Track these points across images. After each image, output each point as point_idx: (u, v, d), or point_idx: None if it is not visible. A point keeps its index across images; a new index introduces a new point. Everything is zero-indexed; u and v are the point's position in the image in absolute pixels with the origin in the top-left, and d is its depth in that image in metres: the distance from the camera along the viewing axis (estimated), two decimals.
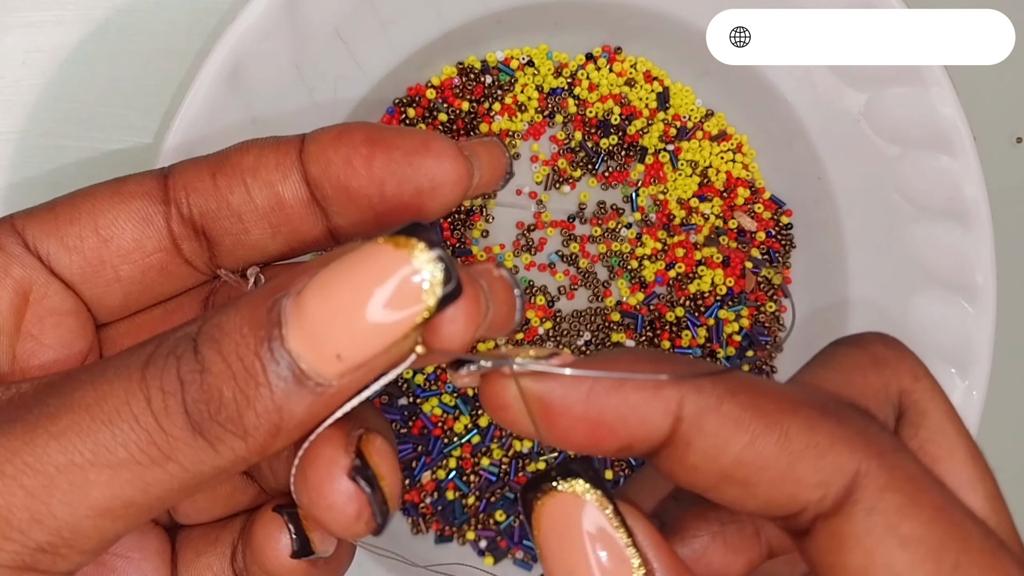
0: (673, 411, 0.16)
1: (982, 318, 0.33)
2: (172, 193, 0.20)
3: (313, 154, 0.19)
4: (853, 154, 0.35)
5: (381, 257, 0.15)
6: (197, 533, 0.22)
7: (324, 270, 0.15)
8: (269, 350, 0.15)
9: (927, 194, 0.34)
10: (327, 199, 0.20)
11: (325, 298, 0.15)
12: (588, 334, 0.38)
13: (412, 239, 0.15)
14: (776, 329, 0.39)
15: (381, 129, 0.19)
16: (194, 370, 0.15)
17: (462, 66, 0.37)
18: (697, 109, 0.39)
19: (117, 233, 0.20)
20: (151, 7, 0.35)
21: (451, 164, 0.19)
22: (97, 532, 0.16)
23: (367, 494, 0.17)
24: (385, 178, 0.19)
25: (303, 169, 0.20)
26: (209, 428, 0.15)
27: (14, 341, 0.20)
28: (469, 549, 0.38)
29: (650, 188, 0.39)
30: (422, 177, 0.19)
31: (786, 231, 0.39)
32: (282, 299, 0.15)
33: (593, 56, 0.38)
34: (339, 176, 0.19)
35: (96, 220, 0.20)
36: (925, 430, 0.18)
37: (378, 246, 0.15)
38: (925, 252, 0.35)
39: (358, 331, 0.15)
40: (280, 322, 0.15)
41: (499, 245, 0.38)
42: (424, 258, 0.15)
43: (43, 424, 0.15)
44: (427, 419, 0.37)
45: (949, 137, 0.33)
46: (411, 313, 0.15)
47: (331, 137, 0.19)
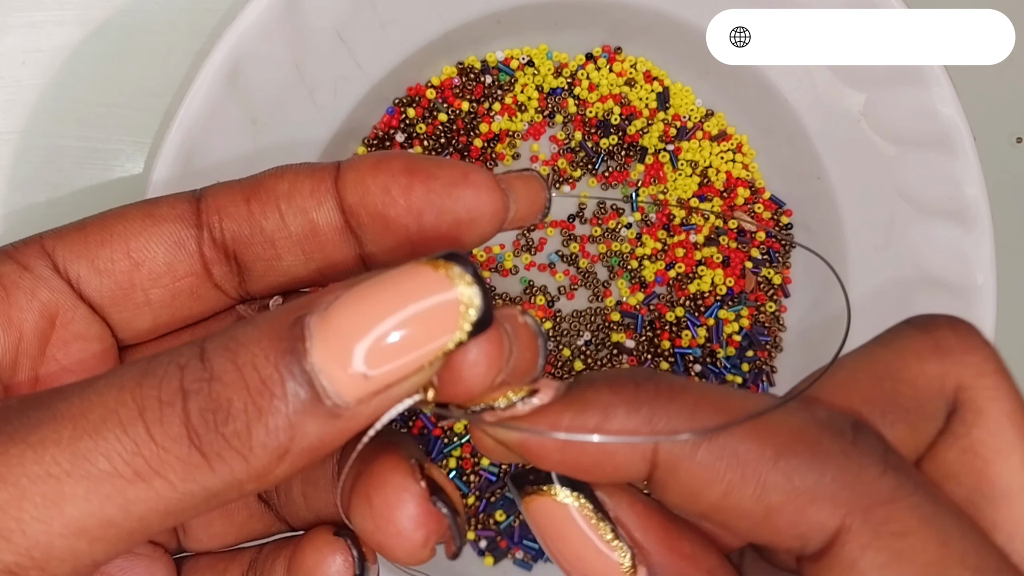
0: (649, 458, 0.16)
1: (982, 318, 0.33)
2: (205, 217, 0.20)
3: (350, 182, 0.19)
4: (853, 154, 0.35)
5: (420, 277, 0.15)
6: (204, 563, 0.21)
7: (359, 286, 0.15)
8: (290, 362, 0.14)
9: (927, 194, 0.34)
10: (362, 227, 0.20)
11: (357, 312, 0.15)
12: (588, 334, 0.38)
13: (452, 264, 0.15)
14: (776, 329, 0.39)
15: (419, 159, 0.19)
16: (201, 379, 0.14)
17: (462, 66, 0.37)
18: (697, 109, 0.39)
19: (149, 257, 0.20)
20: (151, 7, 0.35)
21: (489, 197, 0.19)
22: (71, 555, 0.14)
23: (448, 518, 0.17)
24: (423, 208, 0.19)
25: (338, 196, 0.19)
26: (211, 441, 0.14)
27: (37, 364, 0.19)
28: (469, 549, 0.38)
29: (650, 188, 0.39)
30: (460, 209, 0.19)
31: (786, 231, 0.39)
32: (306, 316, 0.15)
33: (593, 56, 0.38)
34: (376, 205, 0.19)
35: (128, 243, 0.20)
36: (978, 430, 0.17)
37: (418, 266, 0.15)
38: (925, 252, 0.35)
39: (388, 348, 0.15)
40: (304, 336, 0.14)
41: (499, 245, 0.38)
42: (463, 283, 0.15)
43: (21, 435, 0.14)
44: (427, 419, 0.37)
45: (949, 137, 0.33)
46: (444, 335, 0.15)
47: (369, 165, 0.19)
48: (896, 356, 0.18)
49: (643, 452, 0.16)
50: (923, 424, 0.17)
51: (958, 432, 0.17)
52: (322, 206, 0.20)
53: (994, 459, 0.17)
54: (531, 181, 0.20)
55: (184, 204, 0.20)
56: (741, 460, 0.15)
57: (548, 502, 0.17)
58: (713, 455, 0.16)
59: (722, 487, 0.15)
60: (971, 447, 0.17)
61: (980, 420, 0.17)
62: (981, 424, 0.17)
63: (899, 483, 0.15)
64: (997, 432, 0.17)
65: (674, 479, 0.16)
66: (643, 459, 0.16)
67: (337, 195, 0.19)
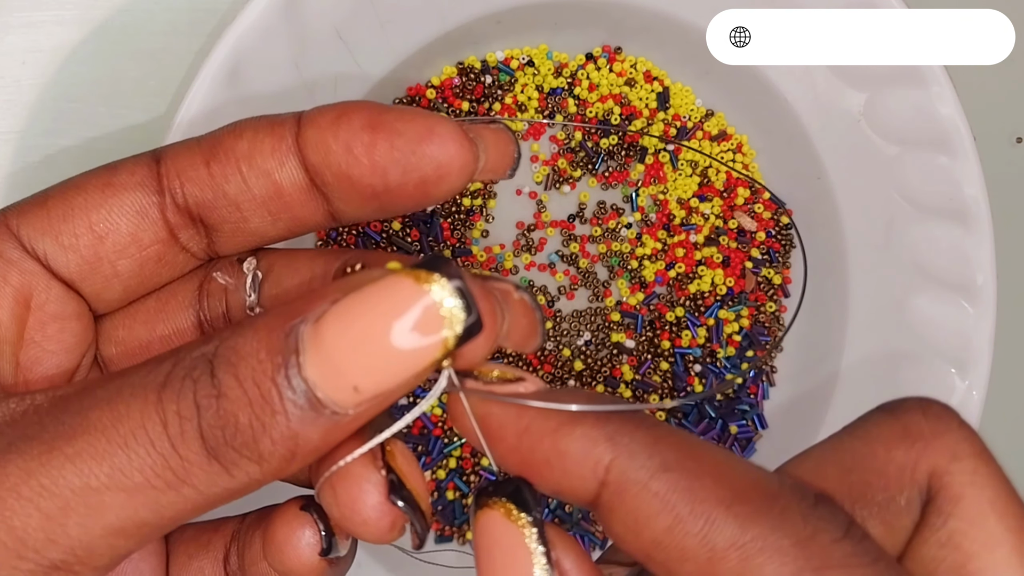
0: (600, 475, 0.15)
1: (982, 318, 0.33)
2: (166, 182, 0.19)
3: (311, 140, 0.19)
4: (853, 154, 0.35)
5: (401, 290, 0.15)
6: (189, 535, 0.22)
7: (344, 301, 0.15)
8: (286, 377, 0.15)
9: (927, 194, 0.34)
10: (327, 186, 0.19)
11: (344, 328, 0.15)
12: (588, 334, 0.38)
13: (433, 274, 0.15)
14: (776, 329, 0.39)
15: (382, 111, 0.18)
16: (210, 395, 0.15)
17: (462, 66, 0.37)
18: (697, 109, 0.39)
19: (112, 229, 0.19)
20: (151, 7, 0.35)
21: (457, 150, 0.18)
22: (110, 550, 0.16)
23: (408, 514, 0.17)
24: (388, 167, 0.18)
25: (301, 154, 0.19)
26: (224, 453, 0.15)
27: (17, 350, 0.19)
28: (469, 549, 0.38)
29: (650, 188, 0.39)
30: (427, 166, 0.18)
31: (786, 231, 0.39)
32: (300, 325, 0.15)
33: (593, 56, 0.38)
34: (340, 165, 0.18)
35: (90, 216, 0.19)
36: (956, 520, 0.15)
37: (398, 279, 0.15)
38: (925, 252, 0.35)
39: (376, 364, 0.15)
40: (298, 349, 0.15)
41: (499, 245, 0.38)
42: (445, 292, 0.15)
43: (59, 445, 0.15)
44: (427, 419, 0.37)
45: (949, 137, 0.33)
46: (431, 347, 0.15)
47: (329, 121, 0.18)
48: (863, 445, 0.16)
49: (595, 466, 0.16)
50: (897, 519, 0.16)
51: (934, 524, 0.16)
52: (284, 166, 0.19)
53: (977, 552, 0.15)
54: (500, 133, 0.20)
55: (144, 169, 0.19)
56: (694, 496, 0.15)
57: (500, 517, 0.16)
58: (667, 485, 0.15)
59: (669, 520, 0.15)
60: (950, 540, 0.15)
61: (958, 509, 0.16)
62: (959, 514, 0.16)
63: (856, 551, 0.15)
64: (978, 522, 0.15)
65: (622, 503, 0.15)
66: (594, 473, 0.16)
67: (299, 153, 0.19)
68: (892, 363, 0.35)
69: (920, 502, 0.16)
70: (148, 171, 0.19)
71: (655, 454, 0.15)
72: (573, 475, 0.16)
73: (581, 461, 0.16)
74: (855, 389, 0.36)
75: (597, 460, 0.16)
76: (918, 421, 0.16)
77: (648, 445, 0.15)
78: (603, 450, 0.16)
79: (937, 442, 0.16)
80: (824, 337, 0.37)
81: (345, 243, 0.37)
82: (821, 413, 0.36)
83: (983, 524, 0.15)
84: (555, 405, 0.16)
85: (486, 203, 0.38)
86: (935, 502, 0.16)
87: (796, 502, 0.15)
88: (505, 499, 0.16)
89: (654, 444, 0.15)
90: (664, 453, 0.15)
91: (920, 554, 0.16)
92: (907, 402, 0.17)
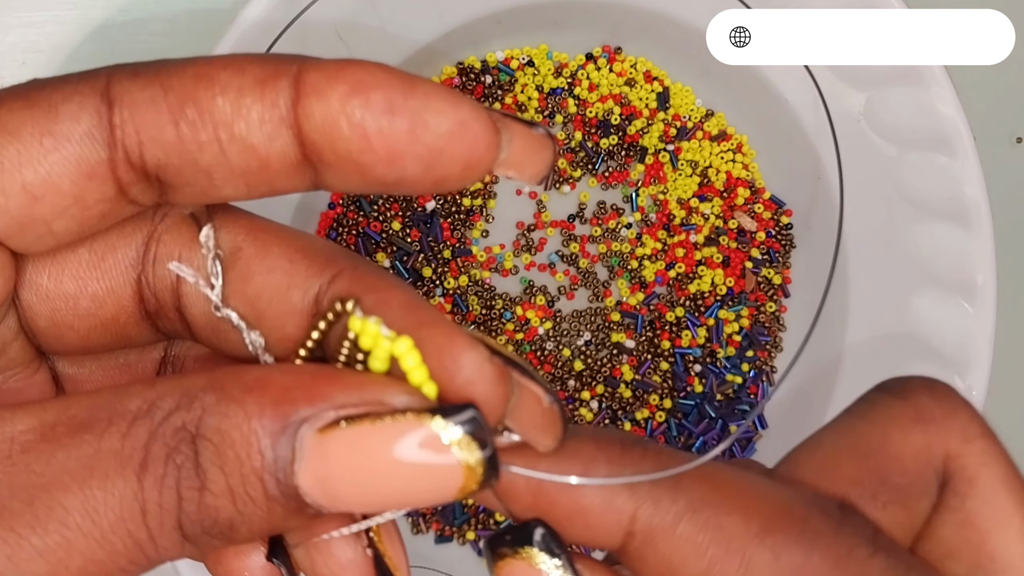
0: (625, 525, 0.15)
1: (982, 318, 0.33)
2: (119, 135, 0.15)
3: (314, 115, 0.15)
4: (853, 154, 0.35)
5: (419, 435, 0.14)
6: None
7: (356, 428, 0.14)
8: (276, 481, 0.14)
9: (927, 194, 0.34)
10: (325, 164, 0.16)
11: (350, 458, 0.14)
12: (588, 334, 0.38)
13: (455, 426, 0.14)
14: (776, 329, 0.39)
15: (405, 89, 0.15)
16: (194, 487, 0.14)
17: (462, 66, 0.37)
18: (697, 109, 0.39)
19: (51, 189, 0.15)
20: (151, 7, 0.35)
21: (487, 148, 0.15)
22: None
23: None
24: (408, 162, 0.15)
25: (297, 126, 0.15)
26: (199, 538, 0.14)
27: None
28: (469, 549, 0.38)
29: (650, 188, 0.39)
30: (454, 166, 0.15)
31: (786, 231, 0.39)
32: (300, 427, 0.14)
33: (593, 56, 0.38)
34: (349, 151, 0.15)
35: (23, 174, 0.15)
36: (973, 501, 0.16)
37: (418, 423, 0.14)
38: (925, 252, 0.35)
39: (375, 496, 0.14)
40: (294, 456, 0.14)
41: (499, 245, 0.38)
42: (467, 452, 0.14)
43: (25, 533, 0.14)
44: None
45: (949, 137, 0.33)
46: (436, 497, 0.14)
47: (341, 96, 0.15)
48: (877, 430, 0.17)
49: (619, 517, 0.15)
50: (916, 501, 0.16)
51: (952, 505, 0.16)
52: (274, 141, 0.15)
53: (992, 530, 0.16)
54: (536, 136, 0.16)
55: (91, 115, 0.15)
56: (726, 534, 0.15)
57: (523, 566, 0.15)
58: (696, 527, 0.15)
59: (704, 562, 0.15)
60: (967, 520, 0.16)
61: (973, 490, 0.16)
62: (975, 494, 0.16)
63: (889, 564, 0.15)
64: (992, 501, 0.16)
65: (652, 551, 0.15)
66: (618, 524, 0.15)
67: (296, 124, 0.15)
68: (892, 363, 0.35)
69: (937, 484, 0.16)
70: (97, 118, 0.15)
71: (678, 496, 0.15)
72: (596, 528, 0.15)
73: (603, 515, 0.15)
74: (855, 389, 0.36)
75: (620, 511, 0.15)
76: (928, 403, 0.16)
77: (670, 488, 0.15)
78: (624, 500, 0.15)
79: (949, 424, 0.16)
80: (824, 337, 0.37)
81: (344, 242, 0.37)
82: (821, 413, 0.36)
83: (996, 503, 0.16)
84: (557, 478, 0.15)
85: (486, 203, 0.38)
86: (951, 483, 0.16)
87: (825, 521, 0.15)
88: (527, 547, 0.15)
89: (675, 484, 0.15)
90: (687, 492, 0.15)
91: (940, 534, 0.16)
92: (911, 382, 0.17)
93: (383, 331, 0.15)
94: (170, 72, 0.15)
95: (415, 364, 0.14)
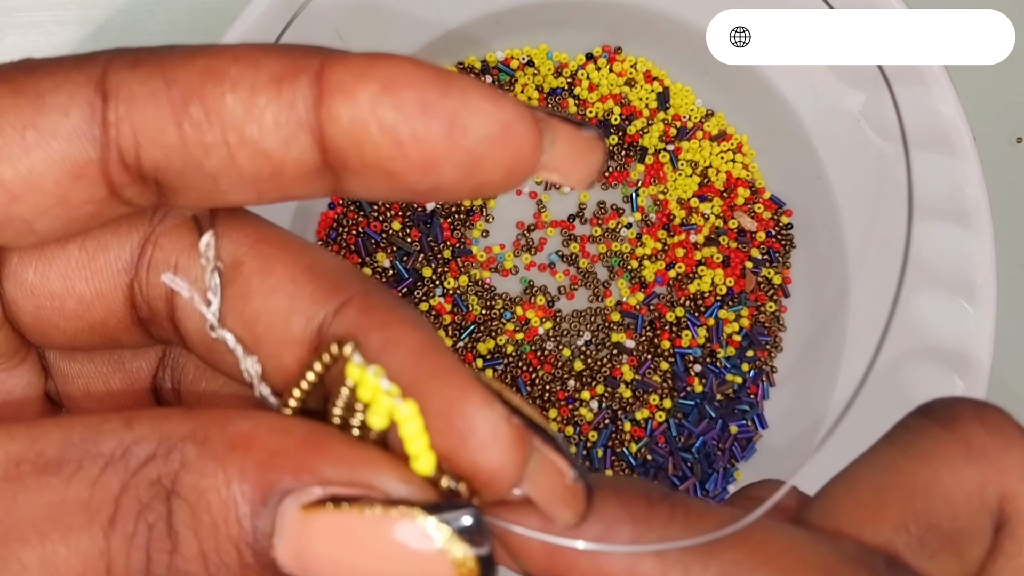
0: None
1: (982, 318, 0.33)
2: (114, 134, 0.14)
3: (341, 118, 0.13)
4: (853, 154, 0.35)
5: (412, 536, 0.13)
6: None
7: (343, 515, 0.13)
8: (252, 551, 0.13)
9: (927, 194, 0.34)
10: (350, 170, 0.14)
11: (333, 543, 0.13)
12: (588, 334, 0.38)
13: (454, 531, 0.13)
14: (776, 329, 0.39)
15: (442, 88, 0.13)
16: (164, 549, 0.13)
17: (462, 66, 0.37)
18: (697, 109, 0.39)
19: (32, 188, 0.14)
20: (151, 7, 0.35)
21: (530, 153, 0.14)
22: None
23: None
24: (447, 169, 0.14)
25: (319, 130, 0.13)
26: None
27: None
28: None
29: (650, 188, 0.39)
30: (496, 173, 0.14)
31: (786, 231, 0.39)
32: (283, 499, 0.13)
33: (593, 56, 0.38)
34: (380, 158, 0.13)
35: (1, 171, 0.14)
36: None
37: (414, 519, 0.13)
38: (925, 252, 0.35)
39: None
40: (274, 530, 0.13)
41: (499, 245, 0.38)
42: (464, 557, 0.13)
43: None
44: None
45: (949, 137, 0.33)
46: None
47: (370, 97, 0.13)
48: (923, 467, 0.15)
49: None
50: (969, 548, 0.15)
51: (1009, 552, 0.15)
52: (291, 146, 0.13)
53: None
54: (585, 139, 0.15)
55: (82, 110, 0.14)
56: None
57: None
58: None
59: None
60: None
61: None
62: None
63: None
64: None
65: None
66: None
67: (318, 128, 0.13)
68: (892, 363, 0.35)
69: (992, 527, 0.15)
70: (89, 113, 0.14)
71: (710, 561, 0.14)
72: None
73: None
74: (854, 388, 0.36)
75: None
76: (979, 434, 0.15)
77: (702, 551, 0.14)
78: (651, 566, 0.14)
79: (1004, 459, 0.15)
80: (824, 337, 0.37)
81: (344, 243, 0.37)
82: (821, 413, 0.36)
83: None
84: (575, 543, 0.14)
85: (486, 203, 0.38)
86: (1008, 527, 0.15)
87: None
88: None
89: (707, 546, 0.14)
90: (719, 556, 0.14)
91: None
92: (959, 408, 0.15)
93: (383, 385, 0.13)
94: (175, 63, 0.14)
95: (415, 433, 0.13)
